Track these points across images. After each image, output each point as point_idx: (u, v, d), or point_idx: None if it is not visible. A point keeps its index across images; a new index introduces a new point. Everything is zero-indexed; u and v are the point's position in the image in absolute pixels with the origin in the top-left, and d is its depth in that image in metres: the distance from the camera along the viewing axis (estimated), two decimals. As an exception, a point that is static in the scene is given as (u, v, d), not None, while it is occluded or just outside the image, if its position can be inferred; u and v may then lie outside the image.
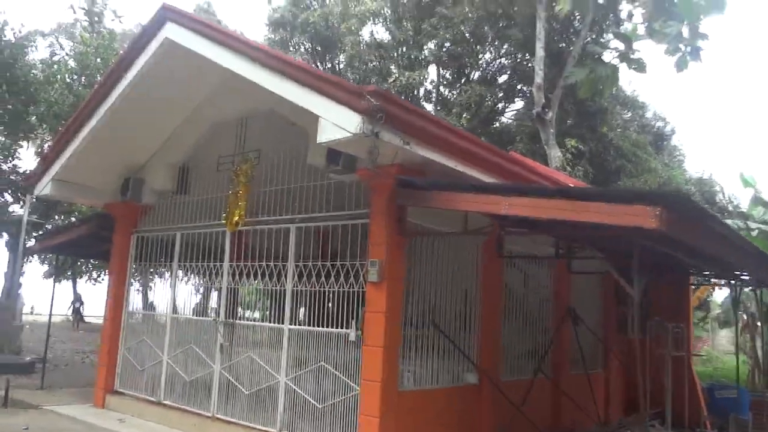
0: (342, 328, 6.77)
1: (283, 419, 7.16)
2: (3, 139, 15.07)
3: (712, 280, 12.30)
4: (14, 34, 15.06)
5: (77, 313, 27.41)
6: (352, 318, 6.67)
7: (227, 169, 8.43)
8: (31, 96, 15.21)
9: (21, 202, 16.88)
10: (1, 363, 12.61)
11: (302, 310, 7.68)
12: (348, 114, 5.44)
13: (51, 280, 32.67)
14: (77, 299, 27.94)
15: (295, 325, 7.32)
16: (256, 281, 7.77)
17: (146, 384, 9.07)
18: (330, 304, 7.30)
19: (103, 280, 33.66)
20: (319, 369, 6.92)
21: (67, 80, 15.57)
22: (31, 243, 15.77)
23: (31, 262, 19.79)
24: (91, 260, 22.96)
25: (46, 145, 18.56)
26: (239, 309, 8.77)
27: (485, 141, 7.12)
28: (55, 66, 16.21)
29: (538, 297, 9.62)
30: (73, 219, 19.70)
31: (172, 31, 7.62)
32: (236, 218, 7.93)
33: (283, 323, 7.39)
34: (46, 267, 31.47)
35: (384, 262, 6.33)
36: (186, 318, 8.93)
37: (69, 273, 20.94)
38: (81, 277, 30.55)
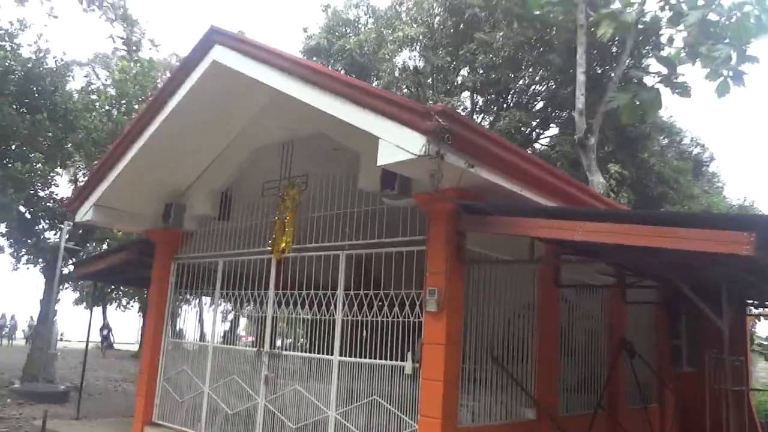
0: (396, 360, 6.46)
1: (333, 456, 6.83)
2: (41, 166, 15.09)
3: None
4: (56, 61, 15.22)
5: (105, 340, 27.33)
6: (408, 350, 6.35)
7: (272, 194, 8.23)
8: (70, 124, 15.30)
9: (56, 230, 16.93)
10: (37, 392, 12.47)
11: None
12: (411, 135, 5.19)
13: (81, 306, 32.95)
14: (105, 326, 27.92)
15: (345, 356, 7.00)
16: (303, 310, 7.48)
17: (186, 416, 8.79)
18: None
19: (132, 307, 33.89)
20: (372, 403, 6.58)
21: (106, 107, 15.66)
22: (67, 270, 15.75)
23: (66, 289, 19.77)
24: (126, 287, 22.93)
25: (80, 174, 18.71)
26: (278, 339, 8.52)
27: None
28: (94, 94, 16.35)
29: (590, 328, 9.19)
30: (105, 246, 19.74)
31: (220, 54, 7.48)
32: (283, 245, 7.69)
33: (332, 354, 7.09)
34: (76, 294, 31.75)
35: (443, 292, 6.02)
36: (228, 348, 8.67)
37: (99, 300, 20.78)
38: (111, 304, 30.73)
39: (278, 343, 8.05)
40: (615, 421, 8.85)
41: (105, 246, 19.57)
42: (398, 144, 5.28)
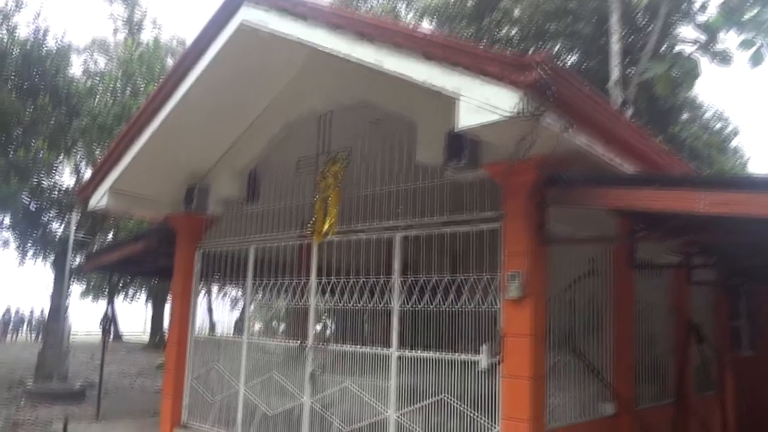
0: (466, 353, 5.70)
1: (395, 463, 6.08)
2: (45, 153, 14.22)
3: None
4: (56, 42, 14.33)
5: (106, 333, 25.41)
6: (481, 342, 5.59)
7: (309, 172, 7.42)
8: (74, 108, 14.44)
9: (63, 222, 16.13)
10: (52, 392, 11.73)
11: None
12: (502, 91, 4.37)
13: (88, 299, 32.17)
14: (106, 317, 26.10)
15: (405, 349, 6.21)
16: (352, 299, 6.69)
17: (219, 417, 8.04)
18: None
19: (139, 298, 33.11)
20: (440, 403, 5.83)
21: (111, 87, 14.77)
22: (76, 263, 14.96)
23: (74, 282, 18.91)
24: (143, 278, 21.99)
25: (82, 163, 17.86)
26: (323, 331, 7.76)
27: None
28: (98, 77, 15.46)
29: (654, 311, 8.41)
30: (110, 237, 18.90)
31: (249, 14, 6.64)
32: (326, 227, 6.90)
33: (389, 347, 6.32)
34: (82, 287, 30.93)
35: (525, 275, 5.24)
36: (265, 342, 7.91)
37: (114, 292, 19.78)
38: (118, 295, 29.91)
39: (325, 334, 7.23)
40: (687, 410, 8.11)
41: (110, 236, 18.75)
42: (485, 102, 4.47)
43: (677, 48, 15.61)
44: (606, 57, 15.35)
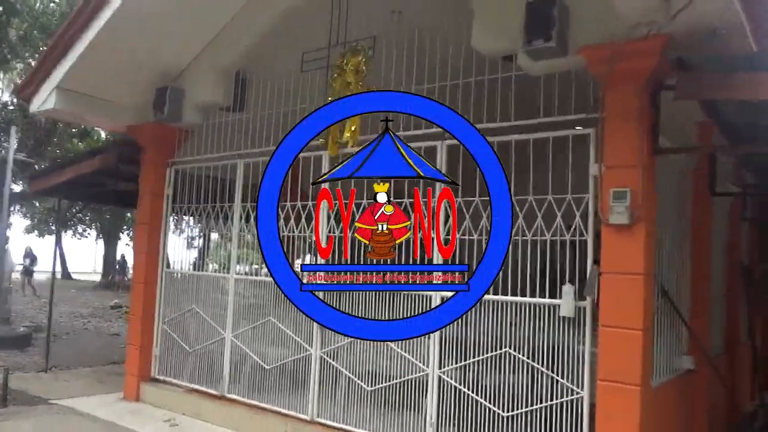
0: (539, 296, 4.42)
1: (440, 432, 4.84)
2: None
3: None
4: None
5: (27, 272, 22.09)
6: (562, 282, 4.31)
7: (320, 68, 5.86)
8: (11, 6, 12.26)
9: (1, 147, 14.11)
10: (-8, 336, 10.10)
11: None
12: None
13: (33, 235, 29.82)
14: (28, 255, 22.59)
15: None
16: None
17: (199, 371, 6.67)
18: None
19: (89, 234, 30.96)
20: (501, 358, 4.57)
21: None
22: (18, 189, 13.06)
23: (15, 213, 16.78)
24: (98, 205, 19.81)
25: (19, 80, 15.63)
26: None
27: None
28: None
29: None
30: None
31: None
32: (347, 135, 5.42)
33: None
34: (27, 221, 28.55)
35: (638, 195, 3.92)
36: (259, 280, 6.48)
37: (64, 223, 17.48)
38: (66, 231, 27.74)
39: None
40: (736, 360, 7.14)
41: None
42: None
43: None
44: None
